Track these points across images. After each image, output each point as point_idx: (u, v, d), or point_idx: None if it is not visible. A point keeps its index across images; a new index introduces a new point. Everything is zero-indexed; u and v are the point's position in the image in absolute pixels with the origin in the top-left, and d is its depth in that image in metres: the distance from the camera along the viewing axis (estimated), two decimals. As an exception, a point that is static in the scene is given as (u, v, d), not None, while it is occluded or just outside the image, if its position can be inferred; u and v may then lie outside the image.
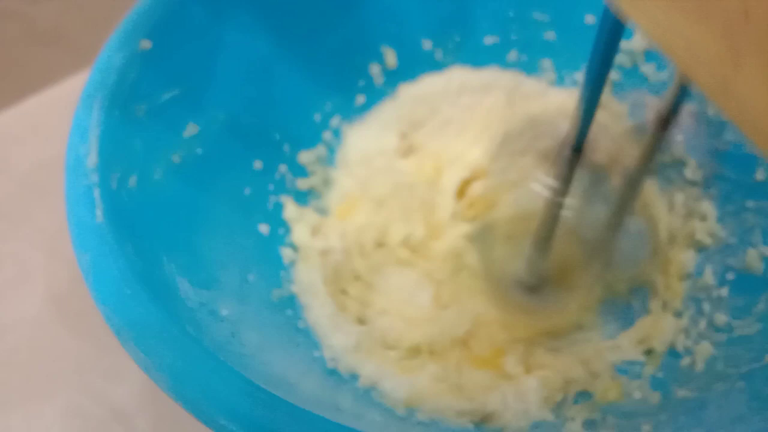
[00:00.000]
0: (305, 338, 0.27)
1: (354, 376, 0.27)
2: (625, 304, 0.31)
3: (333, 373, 0.26)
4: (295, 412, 0.18)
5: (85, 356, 0.31)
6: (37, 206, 0.36)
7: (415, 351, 0.29)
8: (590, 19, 0.34)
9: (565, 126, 0.23)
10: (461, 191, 0.34)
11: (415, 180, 0.34)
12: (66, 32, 0.54)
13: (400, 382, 0.27)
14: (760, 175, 0.30)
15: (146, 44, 0.27)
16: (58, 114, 0.40)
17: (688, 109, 0.24)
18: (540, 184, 0.24)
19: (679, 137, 0.24)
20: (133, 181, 0.24)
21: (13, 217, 0.36)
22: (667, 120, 0.23)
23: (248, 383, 0.19)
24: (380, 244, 0.32)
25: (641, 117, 0.25)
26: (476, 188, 0.33)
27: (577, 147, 0.22)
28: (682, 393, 0.26)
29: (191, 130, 0.28)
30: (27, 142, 0.40)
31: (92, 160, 0.24)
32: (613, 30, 0.18)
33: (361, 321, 0.30)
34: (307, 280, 0.30)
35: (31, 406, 0.30)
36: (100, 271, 0.21)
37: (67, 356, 0.31)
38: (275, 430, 0.18)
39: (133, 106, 0.26)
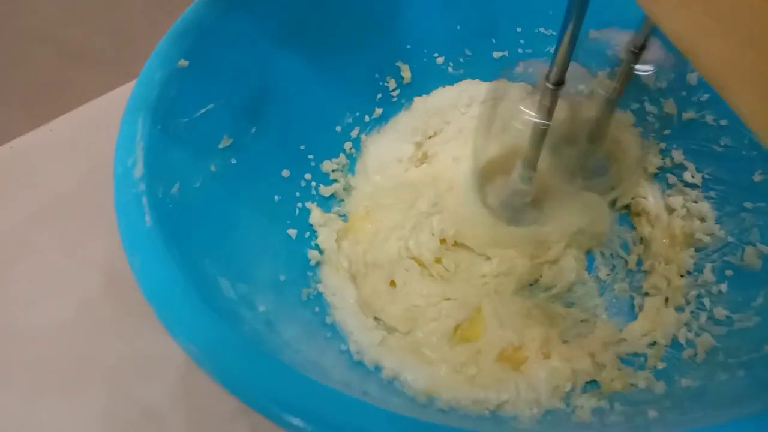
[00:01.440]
0: (332, 333, 0.30)
1: (378, 368, 0.29)
2: (628, 300, 0.33)
3: (359, 364, 0.28)
4: (333, 395, 0.20)
5: (117, 358, 0.32)
6: (67, 217, 0.38)
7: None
8: (594, 34, 0.36)
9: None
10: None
11: (429, 185, 0.36)
12: (94, 53, 0.56)
13: (420, 373, 0.29)
14: (757, 177, 0.32)
15: (183, 63, 0.29)
16: (88, 131, 0.42)
17: (657, 43, 0.28)
18: (526, 114, 0.28)
19: (650, 68, 0.28)
20: (176, 189, 0.27)
21: (46, 227, 0.38)
22: (638, 51, 0.27)
23: (284, 367, 0.21)
24: (397, 250, 0.34)
25: (616, 51, 0.29)
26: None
27: (558, 81, 0.26)
28: (685, 382, 0.28)
29: (226, 142, 0.30)
30: (58, 157, 0.41)
31: (139, 170, 0.26)
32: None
33: (383, 322, 0.32)
34: (333, 283, 0.32)
35: (65, 407, 0.31)
36: (149, 271, 0.23)
37: (99, 358, 0.32)
38: (314, 411, 0.19)
39: (173, 120, 0.28)
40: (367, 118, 0.38)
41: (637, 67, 0.28)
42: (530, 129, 0.28)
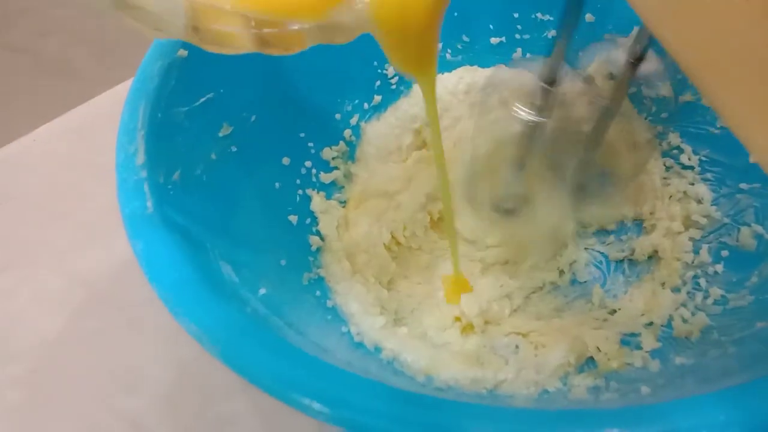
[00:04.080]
0: (334, 316, 0.30)
1: (378, 349, 0.29)
2: (626, 281, 0.34)
3: (359, 345, 0.29)
4: (342, 374, 0.20)
5: (104, 373, 0.32)
6: (50, 230, 0.38)
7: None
8: (589, 17, 0.37)
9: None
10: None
11: (427, 172, 0.37)
12: (72, 64, 0.56)
13: (420, 354, 0.29)
14: (753, 158, 0.32)
15: (183, 52, 0.30)
16: (67, 142, 0.42)
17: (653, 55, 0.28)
18: (517, 112, 0.28)
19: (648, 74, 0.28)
20: (177, 176, 0.27)
21: (28, 241, 0.37)
22: (636, 61, 0.27)
23: (289, 345, 0.21)
24: (393, 234, 0.35)
25: (614, 60, 0.29)
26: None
27: (550, 80, 0.26)
28: (679, 360, 0.28)
29: (226, 130, 0.31)
30: (39, 169, 0.41)
31: (140, 158, 0.26)
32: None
33: (384, 306, 0.33)
34: (334, 268, 0.33)
35: (53, 423, 0.31)
36: (152, 255, 0.24)
37: (86, 373, 0.32)
38: (316, 389, 0.20)
39: (173, 109, 0.29)
40: (366, 106, 0.39)
41: (635, 79, 0.28)
42: (520, 127, 0.28)
